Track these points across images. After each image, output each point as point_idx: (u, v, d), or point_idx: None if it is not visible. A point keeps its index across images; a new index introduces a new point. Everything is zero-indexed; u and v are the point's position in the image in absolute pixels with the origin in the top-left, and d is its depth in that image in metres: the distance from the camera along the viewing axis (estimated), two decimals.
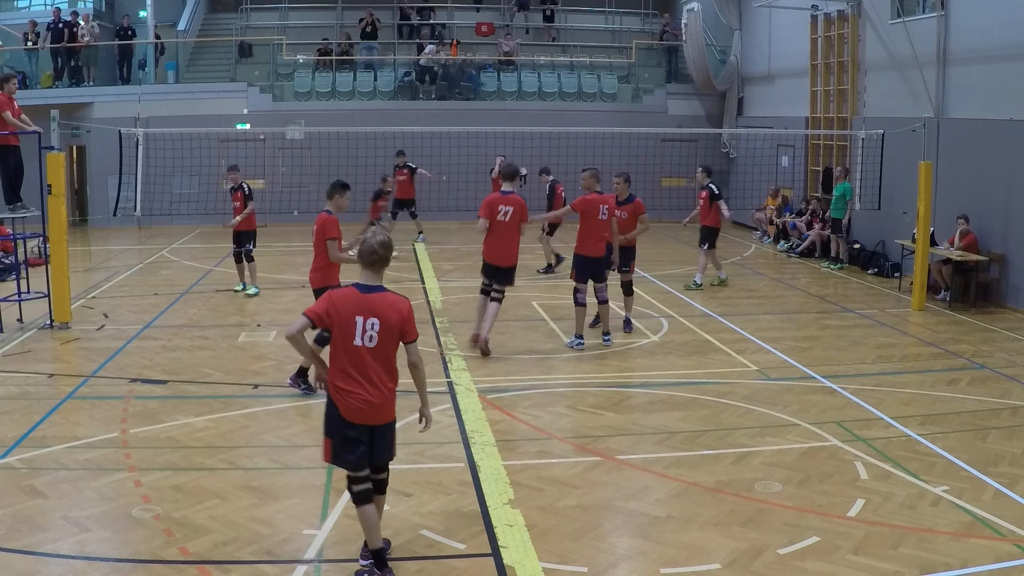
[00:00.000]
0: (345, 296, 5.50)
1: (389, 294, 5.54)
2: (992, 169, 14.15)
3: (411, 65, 24.70)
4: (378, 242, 5.53)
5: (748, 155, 22.53)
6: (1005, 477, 7.29)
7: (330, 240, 9.11)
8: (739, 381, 10.02)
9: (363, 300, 5.46)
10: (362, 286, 5.51)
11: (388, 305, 5.49)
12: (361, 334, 5.43)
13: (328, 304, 5.50)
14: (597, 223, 11.06)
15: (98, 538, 6.14)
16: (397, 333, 5.52)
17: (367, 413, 5.50)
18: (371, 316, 5.43)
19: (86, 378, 9.92)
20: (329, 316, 5.46)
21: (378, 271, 5.55)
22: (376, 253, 5.52)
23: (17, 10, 26.13)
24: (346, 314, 5.43)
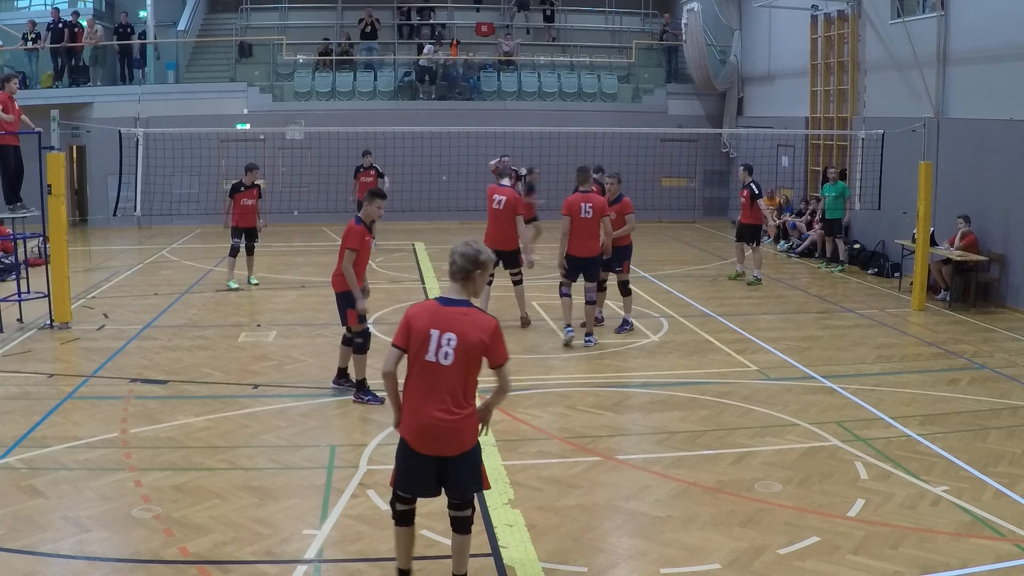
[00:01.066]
0: (423, 308, 5.10)
1: (474, 311, 5.04)
2: (992, 169, 14.15)
3: (411, 65, 24.71)
4: (458, 252, 5.07)
5: (748, 155, 22.47)
6: (1005, 477, 7.29)
7: (348, 250, 8.79)
8: (739, 381, 10.02)
9: (441, 313, 5.01)
10: (443, 299, 5.08)
11: (470, 322, 4.99)
12: (435, 349, 4.95)
13: (404, 319, 5.08)
14: (580, 222, 11.21)
15: (98, 538, 6.14)
16: (478, 354, 5.01)
17: (435, 439, 5.00)
18: (448, 331, 4.96)
19: (86, 378, 9.92)
20: (407, 331, 5.02)
21: (463, 284, 5.07)
22: (455, 263, 5.06)
23: (17, 10, 26.13)
24: (420, 326, 5.00)
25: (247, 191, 14.80)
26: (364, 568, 5.84)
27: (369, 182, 18.10)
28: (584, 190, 11.33)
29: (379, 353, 10.94)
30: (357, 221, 8.88)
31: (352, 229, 8.82)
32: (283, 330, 12.23)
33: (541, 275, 14.81)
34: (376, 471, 7.36)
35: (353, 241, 8.78)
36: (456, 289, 5.08)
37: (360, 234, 8.82)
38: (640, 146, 20.75)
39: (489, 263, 5.10)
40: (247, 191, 14.80)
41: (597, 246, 11.37)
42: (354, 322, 8.97)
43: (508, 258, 11.93)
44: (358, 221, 8.89)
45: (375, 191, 9.13)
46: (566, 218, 11.22)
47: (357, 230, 8.82)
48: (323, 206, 19.24)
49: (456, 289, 5.08)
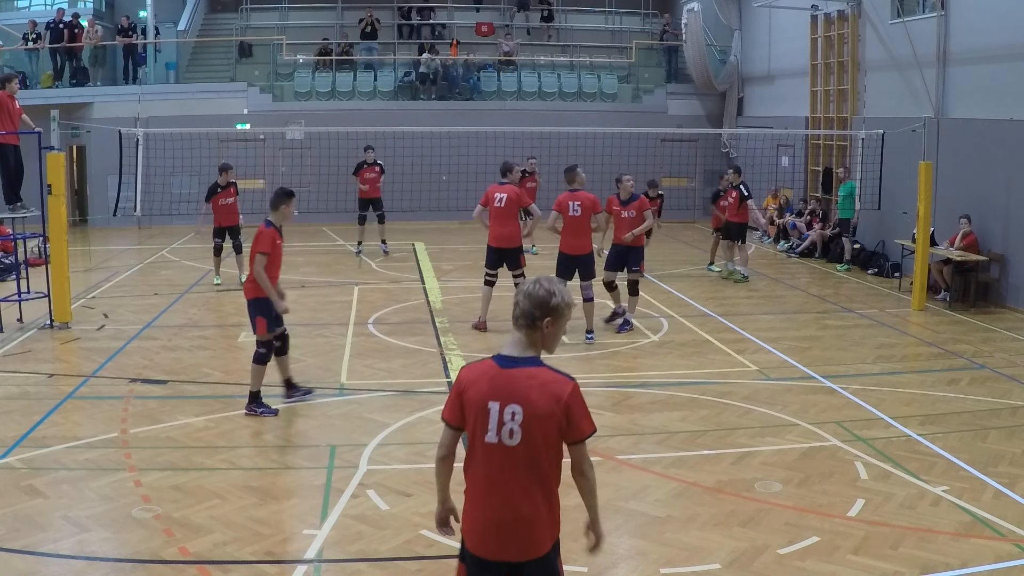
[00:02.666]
0: (478, 372, 3.90)
1: (543, 370, 3.84)
2: (992, 169, 14.15)
3: (411, 65, 24.71)
4: (523, 292, 3.89)
5: (748, 155, 22.51)
6: (1005, 477, 7.29)
7: (259, 254, 8.43)
8: (739, 381, 10.02)
9: (501, 378, 3.82)
10: (503, 358, 3.88)
11: (538, 386, 3.79)
12: (497, 427, 3.80)
13: (455, 387, 3.95)
14: (568, 219, 11.39)
15: (98, 538, 6.14)
16: (554, 427, 3.81)
17: (501, 541, 3.86)
18: (511, 401, 3.78)
19: (86, 378, 9.92)
20: (461, 403, 3.91)
21: (527, 335, 3.87)
22: (517, 306, 3.88)
23: (17, 10, 26.13)
24: (476, 397, 3.84)
25: (223, 191, 14.87)
26: (364, 568, 5.84)
27: (373, 178, 18.00)
28: (573, 189, 11.47)
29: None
30: (267, 224, 8.58)
31: (262, 232, 8.50)
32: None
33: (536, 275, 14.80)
34: (376, 471, 7.37)
35: (264, 245, 8.45)
36: (519, 342, 3.89)
37: (271, 237, 8.51)
38: (640, 146, 20.76)
39: (564, 309, 3.89)
40: (223, 191, 14.87)
41: (588, 244, 11.56)
42: (263, 331, 8.63)
43: (510, 257, 11.96)
44: (268, 224, 8.58)
45: (286, 191, 8.76)
46: (552, 214, 11.42)
47: (268, 233, 8.49)
48: (323, 206, 19.25)
49: (519, 342, 3.89)
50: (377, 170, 18.03)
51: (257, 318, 8.65)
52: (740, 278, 15.82)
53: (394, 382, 9.86)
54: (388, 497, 6.85)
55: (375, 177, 18.03)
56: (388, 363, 10.60)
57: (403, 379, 9.99)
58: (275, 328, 8.80)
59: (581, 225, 11.40)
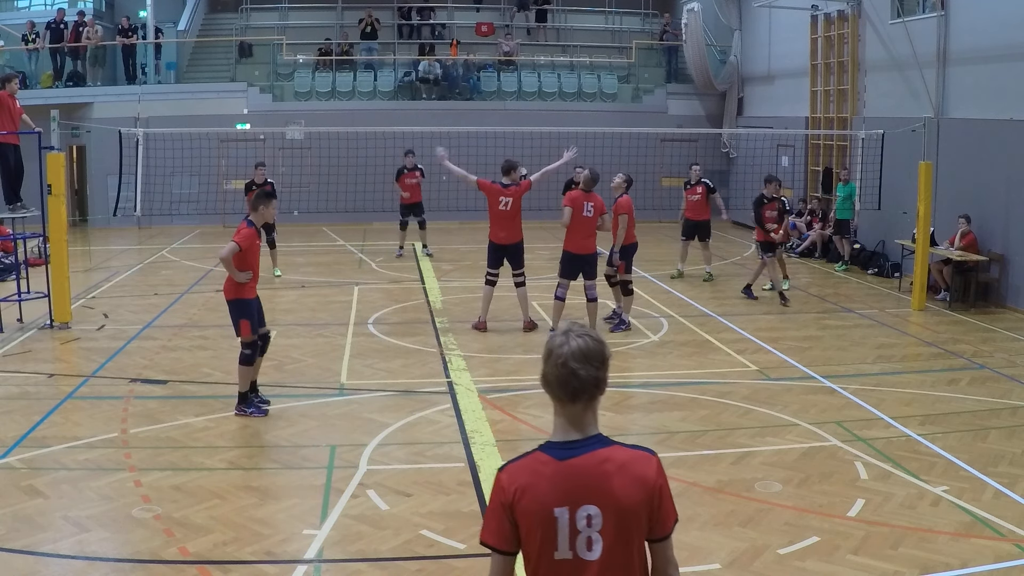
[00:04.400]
0: (530, 471, 2.92)
1: (616, 449, 2.91)
2: (992, 169, 14.15)
3: (411, 65, 24.71)
4: (575, 351, 2.89)
5: (748, 155, 22.52)
6: (1005, 477, 7.29)
7: (232, 242, 8.40)
8: (739, 381, 10.02)
9: (563, 474, 2.87)
10: (557, 446, 2.91)
11: (617, 470, 2.86)
12: (570, 539, 2.87)
13: (499, 497, 2.99)
14: (581, 219, 11.38)
15: (98, 538, 6.14)
16: (642, 522, 2.89)
17: None
18: (584, 502, 2.85)
19: (86, 378, 9.92)
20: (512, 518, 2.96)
21: (582, 410, 2.91)
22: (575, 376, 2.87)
23: (17, 10, 26.13)
24: (535, 506, 2.89)
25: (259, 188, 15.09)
26: (364, 568, 5.84)
27: (414, 184, 17.75)
28: (586, 190, 11.51)
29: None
30: (248, 224, 8.59)
31: (244, 229, 8.52)
32: (283, 330, 12.21)
33: (541, 275, 14.81)
34: (376, 471, 7.37)
35: (243, 240, 8.43)
36: (574, 420, 2.91)
37: (251, 236, 8.52)
38: (640, 146, 20.73)
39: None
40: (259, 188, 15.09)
41: (594, 244, 11.62)
42: (247, 333, 8.62)
43: (513, 254, 11.96)
44: (249, 224, 8.60)
45: (268, 192, 8.87)
46: (567, 209, 11.35)
47: (249, 232, 8.51)
48: (323, 206, 19.25)
49: (574, 420, 2.91)
50: (418, 175, 17.69)
51: (241, 320, 8.65)
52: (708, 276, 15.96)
53: (394, 382, 9.86)
54: (388, 497, 6.85)
55: (416, 183, 17.79)
56: (388, 363, 10.60)
57: (403, 379, 9.99)
58: (259, 329, 8.81)
59: (591, 226, 11.49)
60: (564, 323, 3.05)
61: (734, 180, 23.41)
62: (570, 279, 11.58)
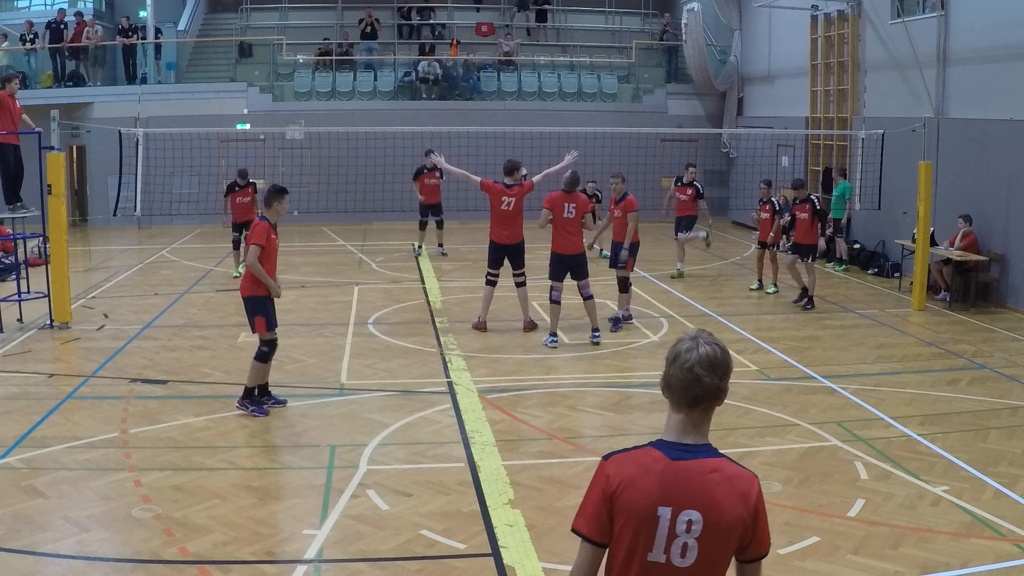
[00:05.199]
0: (640, 467, 2.87)
1: (724, 462, 2.89)
2: (992, 169, 14.15)
3: (411, 66, 24.71)
4: (703, 359, 2.87)
5: (748, 155, 22.52)
6: (1005, 477, 7.29)
7: (253, 245, 8.46)
8: (739, 381, 10.01)
9: (674, 474, 2.84)
10: (671, 446, 2.90)
11: (723, 482, 2.85)
12: (666, 541, 2.81)
13: (602, 485, 2.89)
14: (562, 220, 11.41)
15: (98, 538, 6.14)
16: (736, 539, 2.86)
17: None
18: (687, 507, 2.81)
19: (86, 378, 9.92)
20: (610, 510, 2.86)
21: (700, 415, 2.91)
22: (699, 383, 2.87)
23: (17, 10, 26.14)
24: (642, 502, 2.82)
25: (241, 190, 15.47)
26: (364, 568, 5.84)
27: (434, 184, 17.65)
28: (568, 191, 11.50)
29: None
30: (261, 218, 8.65)
31: (257, 225, 8.56)
32: (283, 330, 12.13)
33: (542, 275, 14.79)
34: (376, 471, 7.37)
35: (258, 237, 8.46)
36: (691, 425, 2.90)
37: (265, 230, 8.53)
38: (640, 146, 20.74)
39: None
40: (241, 190, 15.47)
41: (581, 243, 11.65)
42: (262, 330, 8.63)
43: (514, 254, 11.99)
44: (262, 218, 8.65)
45: (279, 188, 8.79)
46: (545, 212, 11.40)
47: (262, 226, 8.52)
48: (323, 206, 19.25)
49: (691, 425, 2.90)
50: (437, 176, 17.47)
51: (256, 317, 8.65)
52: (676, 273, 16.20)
53: (394, 382, 9.86)
54: (388, 497, 6.85)
55: (435, 184, 17.65)
56: (388, 363, 10.60)
57: (403, 379, 9.99)
58: (275, 326, 8.77)
59: (575, 226, 11.49)
60: (692, 330, 3.03)
61: (734, 180, 23.43)
62: (559, 280, 11.57)
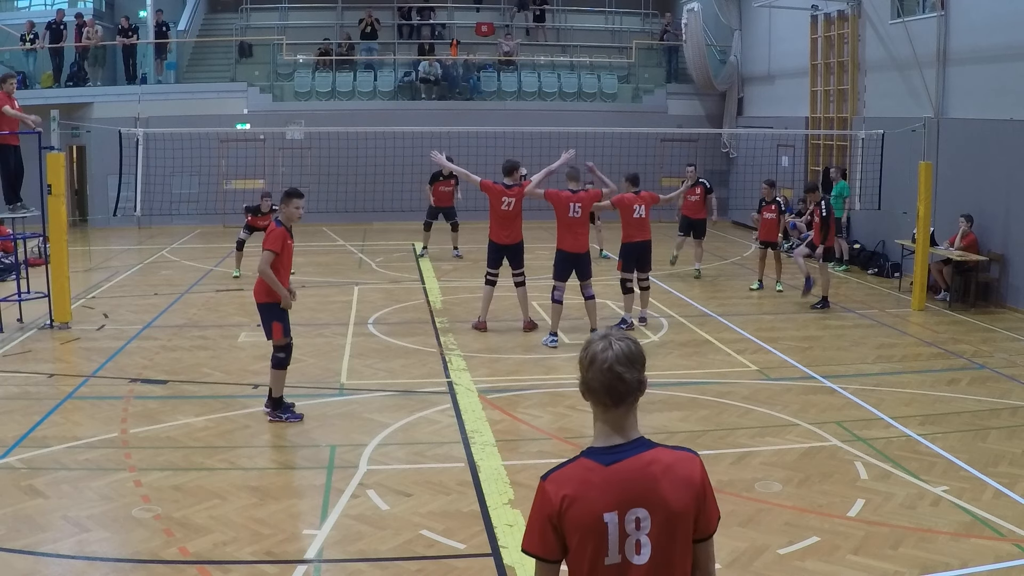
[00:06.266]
0: (576, 480, 2.90)
1: (660, 451, 2.96)
2: (992, 169, 14.15)
3: (411, 66, 24.71)
4: (620, 355, 2.93)
5: (748, 155, 22.51)
6: (1005, 477, 7.29)
7: (267, 251, 8.29)
8: (739, 381, 10.02)
9: (611, 479, 2.88)
10: (601, 451, 2.94)
11: (663, 472, 2.90)
12: (619, 543, 2.87)
13: (544, 508, 2.90)
14: (569, 220, 11.42)
15: (98, 538, 6.14)
16: (689, 525, 2.92)
17: None
18: (633, 506, 2.86)
19: (86, 378, 9.91)
20: (559, 527, 2.88)
21: (624, 413, 2.99)
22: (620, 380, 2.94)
23: (17, 10, 26.14)
24: (585, 515, 2.86)
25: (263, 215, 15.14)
26: (364, 568, 5.84)
27: (447, 192, 17.60)
28: (574, 189, 11.54)
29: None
30: (277, 223, 8.49)
31: (273, 231, 8.42)
32: None
33: (541, 275, 14.81)
34: (376, 471, 7.37)
35: (273, 243, 8.28)
36: (616, 424, 2.98)
37: (281, 236, 8.38)
38: (640, 146, 20.73)
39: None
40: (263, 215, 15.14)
41: (586, 242, 11.68)
42: (279, 336, 8.48)
43: (513, 254, 12.01)
44: (278, 223, 8.49)
45: (293, 190, 8.63)
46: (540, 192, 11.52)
47: (278, 232, 8.36)
48: (323, 206, 19.23)
49: (616, 424, 2.98)
50: (452, 182, 17.35)
51: (273, 323, 8.46)
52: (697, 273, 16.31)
53: (394, 382, 9.86)
54: (388, 497, 6.85)
55: (449, 192, 17.59)
56: (388, 363, 10.60)
57: (403, 379, 9.99)
58: (291, 332, 8.62)
59: (582, 224, 11.52)
60: (600, 330, 3.04)
61: (734, 180, 23.43)
62: (563, 280, 11.58)
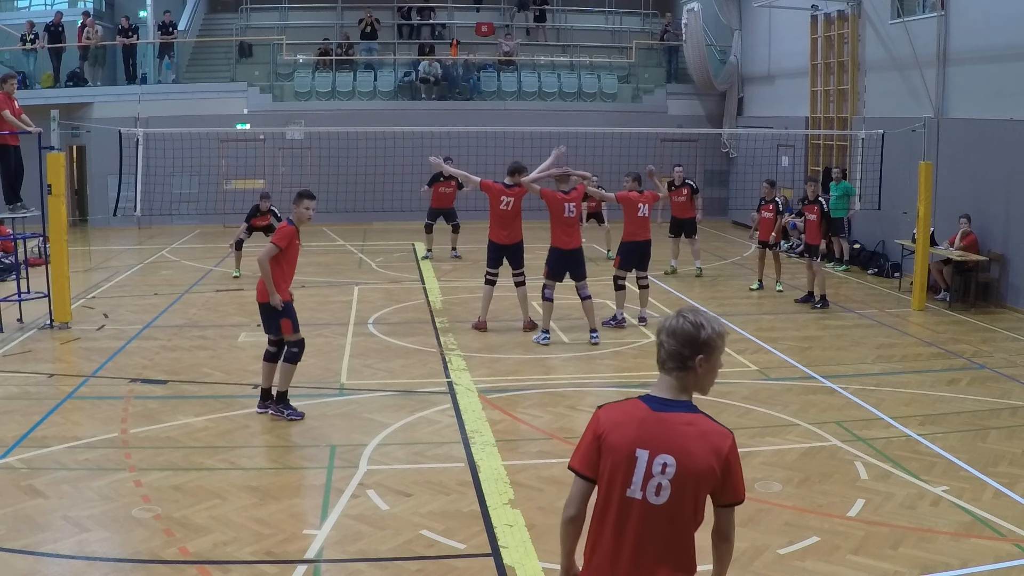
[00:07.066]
0: (623, 412, 3.35)
1: (701, 417, 3.37)
2: (992, 169, 14.15)
3: (411, 66, 24.72)
4: (666, 330, 3.32)
5: (748, 155, 22.52)
6: (1005, 477, 7.29)
7: (271, 244, 8.37)
8: (739, 381, 10.01)
9: (653, 423, 3.29)
10: (654, 399, 3.35)
11: (697, 435, 3.31)
12: (643, 480, 3.26)
13: (591, 429, 3.38)
14: (564, 219, 11.47)
15: (98, 538, 6.14)
16: (707, 486, 3.40)
17: None
18: (663, 451, 3.25)
19: (86, 378, 9.91)
20: (599, 448, 3.34)
21: (675, 377, 3.34)
22: (662, 347, 3.33)
23: (16, 10, 26.14)
24: (623, 443, 3.28)
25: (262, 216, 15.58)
26: (364, 568, 5.84)
27: (448, 193, 17.60)
28: (565, 190, 11.52)
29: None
30: (289, 222, 8.57)
31: (283, 228, 8.49)
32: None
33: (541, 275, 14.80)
34: (376, 471, 7.37)
35: (280, 239, 8.36)
36: (669, 385, 3.35)
37: (290, 234, 8.44)
38: (640, 146, 20.74)
39: (718, 341, 3.33)
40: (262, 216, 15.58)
41: (579, 239, 11.74)
42: (289, 332, 8.50)
43: (513, 254, 12.02)
44: (289, 222, 8.57)
45: (304, 192, 8.71)
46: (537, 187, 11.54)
47: (288, 230, 8.43)
48: (323, 206, 19.10)
49: (669, 385, 3.35)
50: (453, 184, 17.33)
51: (281, 320, 8.48)
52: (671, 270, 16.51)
53: (394, 382, 9.86)
54: (388, 497, 6.85)
55: (449, 193, 17.61)
56: (388, 363, 10.60)
57: (403, 379, 9.99)
58: (299, 328, 8.62)
59: (575, 222, 11.60)
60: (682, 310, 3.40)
61: (734, 180, 23.43)
62: (557, 280, 11.56)
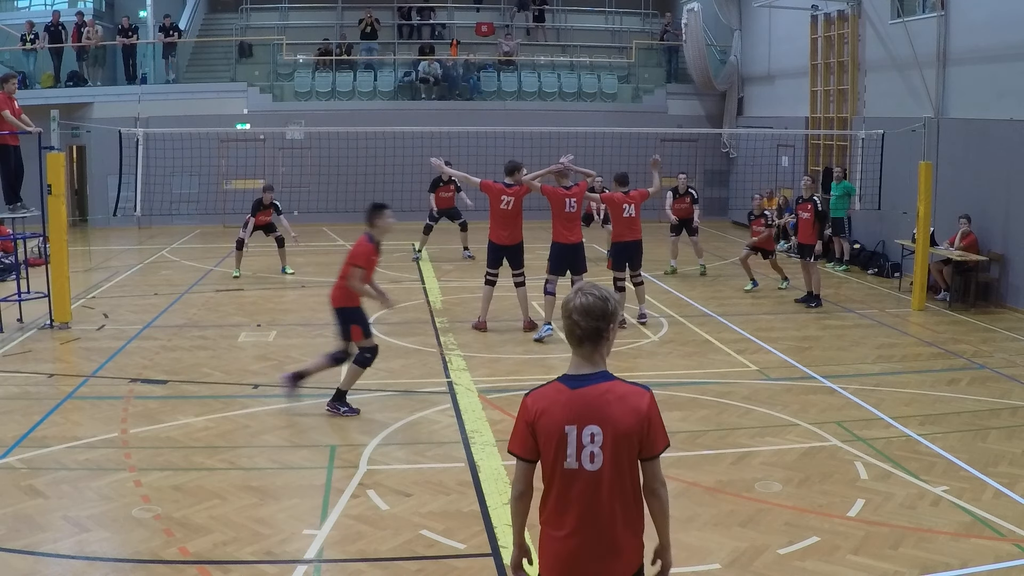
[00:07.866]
0: (546, 398, 3.66)
1: (616, 383, 3.64)
2: (992, 169, 14.15)
3: (411, 66, 24.72)
4: (576, 309, 3.60)
5: (748, 155, 22.53)
6: (1005, 477, 7.29)
7: (354, 267, 8.41)
8: (739, 381, 10.02)
9: (574, 400, 3.60)
10: (570, 378, 3.65)
11: (616, 400, 3.59)
12: (576, 451, 3.58)
13: (521, 417, 3.73)
14: (565, 214, 11.64)
15: (98, 538, 6.14)
16: (635, 444, 3.60)
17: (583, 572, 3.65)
18: (589, 423, 3.57)
19: (86, 378, 9.92)
20: (533, 433, 3.67)
21: (589, 351, 3.64)
22: (577, 326, 3.60)
23: (16, 10, 26.14)
24: (551, 424, 3.61)
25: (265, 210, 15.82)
26: (364, 568, 5.84)
27: (448, 197, 17.64)
28: (567, 186, 11.65)
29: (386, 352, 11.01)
30: (369, 239, 8.48)
31: (362, 246, 8.45)
32: (283, 330, 12.23)
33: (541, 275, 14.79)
34: (376, 471, 7.37)
35: (361, 259, 8.43)
36: (585, 359, 3.65)
37: (369, 253, 8.45)
38: (640, 146, 20.70)
39: (619, 309, 3.74)
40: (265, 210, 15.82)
41: (580, 234, 11.84)
42: (359, 337, 8.60)
43: (513, 255, 12.03)
44: (369, 239, 8.48)
45: (377, 204, 8.66)
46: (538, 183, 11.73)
47: (367, 248, 8.45)
48: (323, 206, 19.24)
49: (585, 359, 3.65)
50: (452, 188, 17.44)
51: (352, 327, 8.58)
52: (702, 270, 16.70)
53: (394, 382, 9.86)
54: (388, 497, 6.85)
55: (450, 196, 17.67)
56: (388, 363, 10.59)
57: (403, 379, 9.99)
58: (372, 333, 8.72)
59: (575, 219, 11.74)
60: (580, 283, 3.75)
61: (734, 180, 23.43)
62: (559, 275, 11.62)
